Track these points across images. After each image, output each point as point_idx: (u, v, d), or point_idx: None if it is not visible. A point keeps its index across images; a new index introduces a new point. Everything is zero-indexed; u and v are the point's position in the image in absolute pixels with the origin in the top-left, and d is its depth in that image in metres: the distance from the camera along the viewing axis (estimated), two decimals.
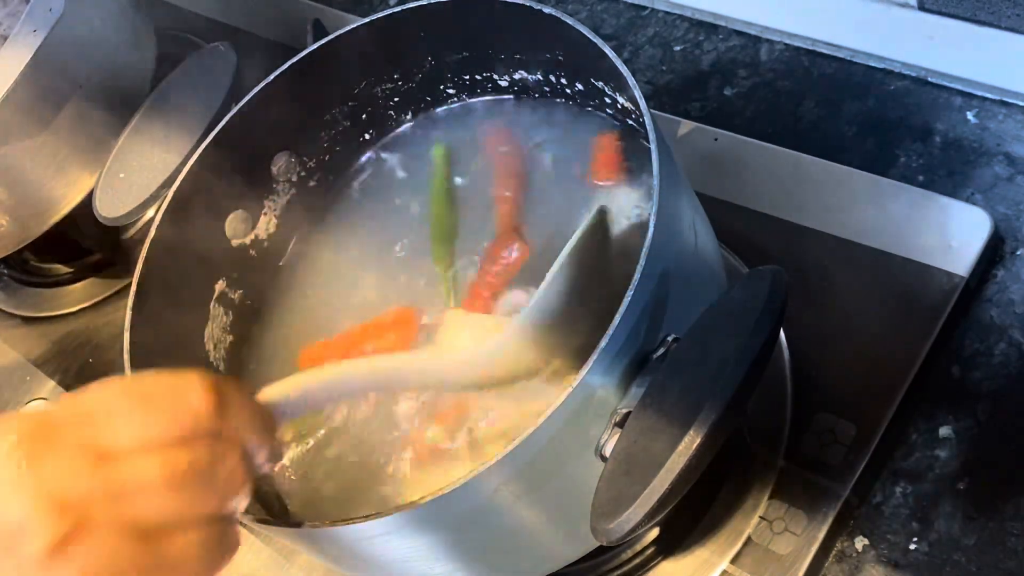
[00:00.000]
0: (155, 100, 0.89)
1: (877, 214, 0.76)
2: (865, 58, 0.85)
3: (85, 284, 1.04)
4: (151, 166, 0.82)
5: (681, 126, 0.86)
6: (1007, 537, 0.64)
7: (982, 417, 0.68)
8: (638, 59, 0.94)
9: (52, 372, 0.99)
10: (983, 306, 0.72)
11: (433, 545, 0.55)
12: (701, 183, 0.79)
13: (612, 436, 0.51)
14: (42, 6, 0.86)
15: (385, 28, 0.67)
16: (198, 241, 0.69)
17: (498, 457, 0.49)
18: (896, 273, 0.73)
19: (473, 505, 0.52)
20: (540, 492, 0.54)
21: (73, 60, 0.88)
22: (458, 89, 0.73)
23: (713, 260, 0.65)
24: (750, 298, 0.50)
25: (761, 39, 0.90)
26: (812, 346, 0.73)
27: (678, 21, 0.95)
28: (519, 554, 0.60)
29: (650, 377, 0.51)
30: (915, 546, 0.66)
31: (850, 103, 0.84)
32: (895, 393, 0.69)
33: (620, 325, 0.50)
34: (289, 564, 0.77)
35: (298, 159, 0.74)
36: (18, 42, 0.84)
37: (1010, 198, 0.75)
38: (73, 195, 0.92)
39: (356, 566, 0.61)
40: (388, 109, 0.74)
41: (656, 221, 0.52)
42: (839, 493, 0.67)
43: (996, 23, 0.75)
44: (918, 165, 0.79)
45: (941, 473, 0.67)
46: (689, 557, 0.69)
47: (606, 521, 0.48)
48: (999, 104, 0.79)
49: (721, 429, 0.47)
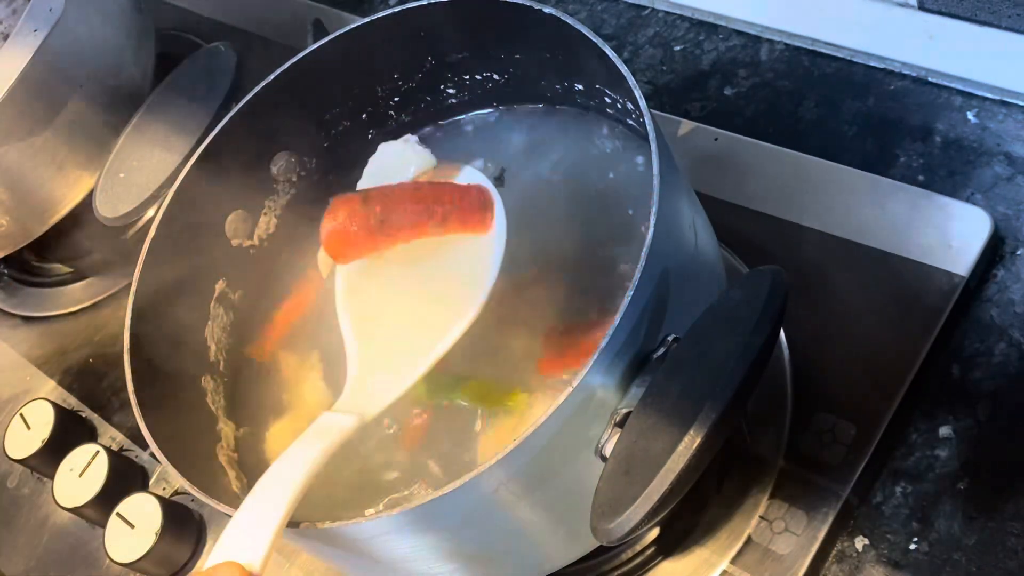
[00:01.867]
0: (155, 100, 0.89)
1: (877, 214, 0.76)
2: (865, 58, 0.85)
3: (85, 284, 1.04)
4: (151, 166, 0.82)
5: (681, 126, 0.86)
6: (1007, 537, 0.64)
7: (982, 417, 0.68)
8: (638, 59, 0.94)
9: (52, 372, 0.99)
10: (983, 306, 0.72)
11: (433, 545, 0.55)
12: (701, 183, 0.79)
13: (612, 436, 0.51)
14: (42, 6, 0.86)
15: (385, 28, 0.67)
16: (198, 241, 0.69)
17: (498, 457, 0.49)
18: (896, 273, 0.73)
19: (473, 505, 0.52)
20: (540, 492, 0.54)
21: (73, 60, 0.88)
22: (458, 89, 0.73)
23: (713, 260, 0.65)
24: (750, 298, 0.50)
25: (761, 39, 0.91)
26: (812, 346, 0.73)
27: (678, 21, 0.95)
28: (519, 554, 0.60)
29: (650, 377, 0.51)
30: (915, 546, 0.66)
31: (850, 103, 0.84)
32: (895, 393, 0.69)
33: (620, 325, 0.50)
34: (289, 564, 0.77)
35: (298, 159, 0.74)
36: (18, 42, 0.84)
37: (1010, 198, 0.75)
38: (73, 195, 0.92)
39: (356, 566, 0.61)
40: (388, 109, 0.74)
41: (656, 221, 0.52)
42: (839, 493, 0.67)
43: (996, 23, 0.75)
44: (918, 165, 0.79)
45: (941, 473, 0.67)
46: (689, 557, 0.69)
47: (606, 521, 0.48)
48: (999, 104, 0.79)
49: (721, 429, 0.47)
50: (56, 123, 0.88)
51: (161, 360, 0.64)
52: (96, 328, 1.00)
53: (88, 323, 1.01)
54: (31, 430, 0.90)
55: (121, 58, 0.93)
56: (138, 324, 0.63)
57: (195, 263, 0.69)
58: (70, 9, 0.86)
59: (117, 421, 0.93)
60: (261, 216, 0.74)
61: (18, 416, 0.92)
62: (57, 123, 0.88)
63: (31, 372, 0.99)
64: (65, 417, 0.92)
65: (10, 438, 0.91)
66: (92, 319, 1.01)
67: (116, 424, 0.92)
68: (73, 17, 0.86)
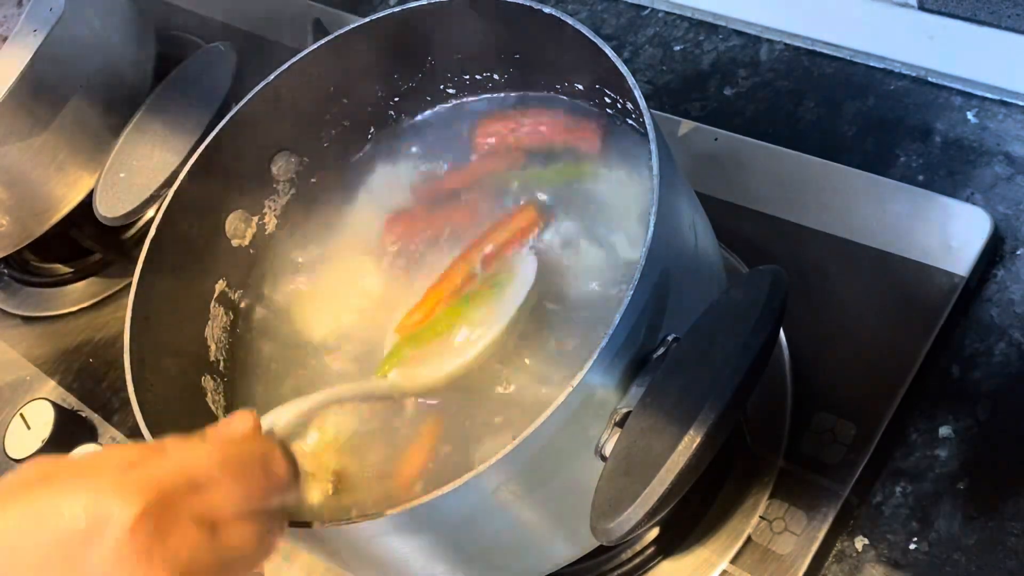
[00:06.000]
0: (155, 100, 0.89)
1: (877, 214, 0.76)
2: (865, 58, 0.85)
3: (85, 284, 1.04)
4: (151, 166, 0.82)
5: (681, 126, 0.86)
6: (1007, 537, 0.64)
7: (982, 417, 0.68)
8: (638, 59, 0.94)
9: (52, 372, 0.99)
10: (983, 306, 0.72)
11: (433, 545, 0.55)
12: (701, 183, 0.79)
13: (612, 436, 0.51)
14: (42, 6, 0.86)
15: (385, 28, 0.67)
16: (198, 241, 0.69)
17: (498, 457, 0.49)
18: (896, 273, 0.73)
19: (473, 505, 0.52)
20: (540, 492, 0.54)
21: (73, 60, 0.88)
22: (458, 89, 0.73)
23: (713, 260, 0.65)
24: (750, 298, 0.50)
25: (761, 39, 0.91)
26: (812, 346, 0.73)
27: (678, 21, 0.95)
28: (519, 554, 0.60)
29: (650, 377, 0.51)
30: (915, 546, 0.66)
31: (850, 103, 0.84)
32: (895, 393, 0.69)
33: (620, 325, 0.50)
34: (289, 564, 0.77)
35: (298, 159, 0.74)
36: (18, 42, 0.84)
37: (1010, 198, 0.75)
38: (73, 195, 0.92)
39: (356, 566, 0.61)
40: (388, 109, 0.74)
41: (656, 221, 0.52)
42: (839, 493, 0.67)
43: (996, 23, 0.75)
44: (918, 165, 0.79)
45: (941, 473, 0.67)
46: (689, 557, 0.69)
47: (606, 521, 0.48)
48: (999, 104, 0.79)
49: (721, 429, 0.47)
50: (56, 123, 0.88)
51: (161, 360, 0.64)
52: (96, 328, 1.00)
53: (88, 323, 1.01)
54: (31, 430, 0.91)
55: (121, 58, 0.93)
56: (138, 324, 0.63)
57: (195, 263, 0.69)
58: (70, 9, 0.86)
59: (117, 421, 0.93)
60: (261, 216, 0.74)
61: (18, 416, 0.92)
62: (57, 123, 0.88)
63: (31, 372, 0.99)
64: (65, 417, 0.92)
65: (10, 438, 0.91)
66: (92, 319, 1.01)
67: (116, 424, 0.92)
68: (73, 17, 0.86)
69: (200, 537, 0.43)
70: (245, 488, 0.45)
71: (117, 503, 0.41)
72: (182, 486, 0.43)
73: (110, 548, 0.41)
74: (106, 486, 0.42)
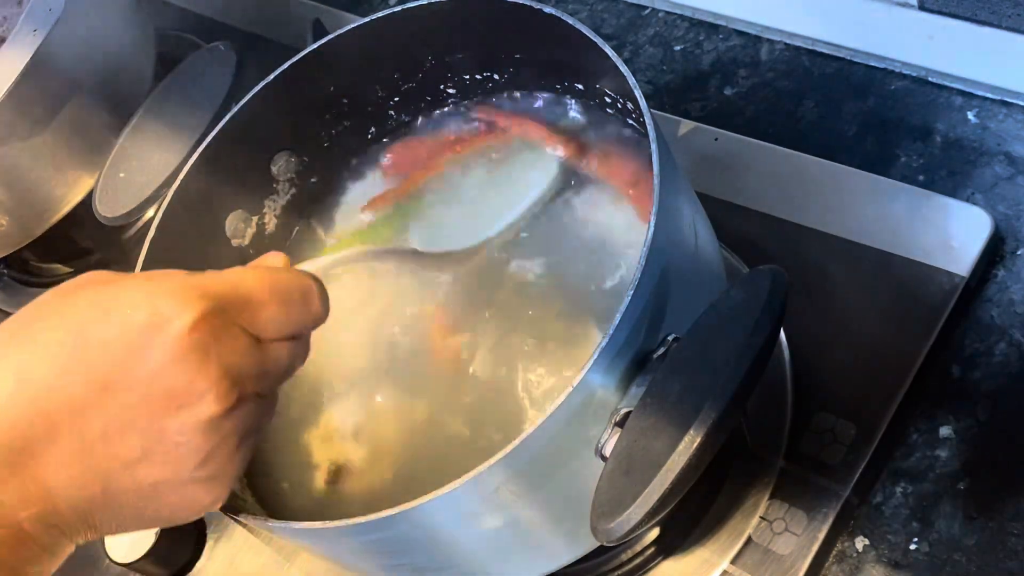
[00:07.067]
0: (155, 100, 0.88)
1: (877, 214, 0.76)
2: (865, 58, 0.85)
3: None
4: (151, 166, 0.82)
5: (681, 126, 0.86)
6: (1007, 537, 0.64)
7: (982, 417, 0.68)
8: (638, 59, 0.94)
9: None
10: (983, 306, 0.72)
11: (433, 545, 0.55)
12: (701, 183, 0.79)
13: (612, 436, 0.51)
14: (42, 6, 0.85)
15: (385, 28, 0.67)
16: (198, 241, 0.69)
17: (498, 457, 0.49)
18: (896, 273, 0.73)
19: (473, 505, 0.52)
20: (540, 492, 0.54)
21: (73, 60, 0.88)
22: (458, 89, 0.73)
23: (713, 260, 0.65)
24: (750, 298, 0.50)
25: (761, 39, 0.90)
26: (812, 346, 0.73)
27: (678, 21, 0.95)
28: (519, 554, 0.60)
29: (650, 377, 0.51)
30: (915, 546, 0.66)
31: (850, 103, 0.84)
32: (895, 393, 0.69)
33: (620, 325, 0.50)
34: (289, 564, 0.77)
35: (298, 159, 0.74)
36: (18, 42, 0.84)
37: (1010, 198, 0.75)
38: (73, 195, 0.92)
39: (356, 565, 0.61)
40: (388, 109, 0.74)
41: (656, 221, 0.52)
42: (839, 493, 0.67)
43: (996, 23, 0.75)
44: (918, 165, 0.79)
45: (941, 473, 0.67)
46: (689, 557, 0.69)
47: (606, 521, 0.48)
48: (999, 104, 0.79)
49: (721, 429, 0.47)
50: (56, 123, 0.88)
51: None
52: None
53: None
54: None
55: (121, 58, 0.93)
56: None
57: (195, 263, 0.69)
58: (70, 9, 0.86)
59: None
60: (261, 216, 0.74)
61: None
62: (57, 123, 0.88)
63: None
64: None
65: None
66: None
67: None
68: (73, 17, 0.86)
69: (249, 346, 0.46)
70: (287, 313, 0.49)
71: (179, 305, 0.45)
72: (237, 300, 0.47)
73: (171, 342, 0.44)
74: (170, 290, 0.45)
